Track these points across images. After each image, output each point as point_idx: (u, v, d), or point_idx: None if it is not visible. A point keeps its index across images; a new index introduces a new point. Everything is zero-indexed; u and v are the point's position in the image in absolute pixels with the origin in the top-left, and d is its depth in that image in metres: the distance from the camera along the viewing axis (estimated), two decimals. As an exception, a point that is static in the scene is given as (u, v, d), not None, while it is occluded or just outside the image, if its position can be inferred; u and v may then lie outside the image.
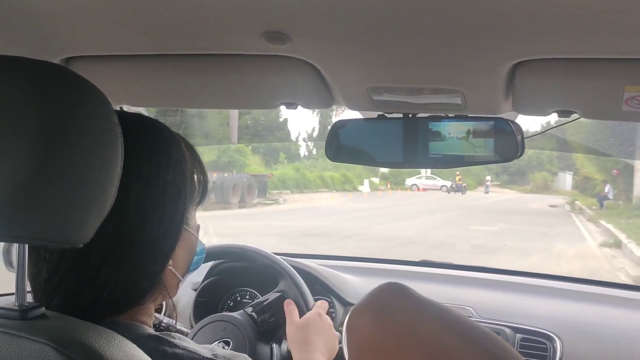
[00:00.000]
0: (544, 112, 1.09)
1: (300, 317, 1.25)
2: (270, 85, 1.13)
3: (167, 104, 1.52)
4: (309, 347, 1.16)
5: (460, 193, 29.33)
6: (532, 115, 1.12)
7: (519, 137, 1.12)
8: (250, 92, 1.18)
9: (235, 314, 1.36)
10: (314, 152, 30.66)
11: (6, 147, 0.57)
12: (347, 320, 0.40)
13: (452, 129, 1.17)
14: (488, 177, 33.22)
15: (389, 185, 32.85)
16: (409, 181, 33.37)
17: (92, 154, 0.63)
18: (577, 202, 21.49)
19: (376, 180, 34.49)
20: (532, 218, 16.84)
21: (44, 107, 0.59)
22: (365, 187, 30.53)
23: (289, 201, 21.62)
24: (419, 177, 34.04)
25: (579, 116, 1.08)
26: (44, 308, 0.67)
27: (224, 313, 1.39)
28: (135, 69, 1.12)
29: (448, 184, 31.08)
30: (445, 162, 1.19)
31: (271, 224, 13.22)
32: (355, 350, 0.39)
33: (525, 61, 0.94)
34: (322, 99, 1.16)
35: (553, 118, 1.16)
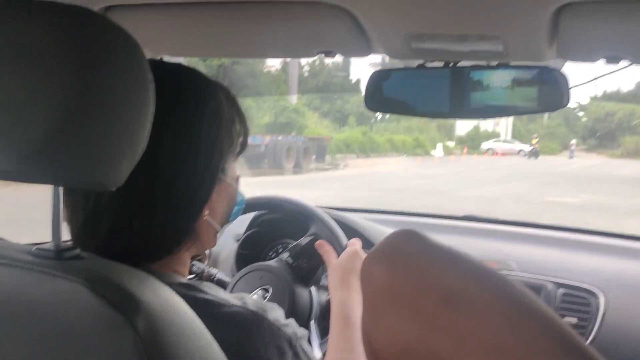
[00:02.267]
0: (591, 59, 1.10)
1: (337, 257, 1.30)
2: (307, 33, 1.17)
3: (207, 53, 1.59)
4: (347, 287, 1.20)
5: (534, 158, 28.39)
6: (578, 61, 1.12)
7: (564, 86, 1.14)
8: (288, 40, 1.24)
9: (270, 262, 1.45)
10: (387, 115, 30.16)
11: (39, 92, 0.62)
12: (361, 267, 0.40)
13: (495, 78, 1.19)
14: (573, 141, 31.80)
15: (465, 150, 32.20)
16: (485, 145, 32.60)
17: (124, 99, 0.68)
18: (674, 169, 20.35)
19: (451, 144, 33.84)
20: (622, 187, 15.88)
21: (76, 52, 0.64)
22: (438, 152, 30.02)
23: (350, 166, 21.08)
24: (497, 141, 33.16)
25: (629, 63, 1.08)
26: (79, 249, 0.72)
27: (261, 263, 1.48)
28: (175, 18, 1.18)
29: (526, 147, 30.11)
30: (488, 113, 1.21)
31: (307, 195, 12.13)
32: (369, 297, 0.39)
33: (569, 4, 0.93)
34: (360, 46, 1.20)
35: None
